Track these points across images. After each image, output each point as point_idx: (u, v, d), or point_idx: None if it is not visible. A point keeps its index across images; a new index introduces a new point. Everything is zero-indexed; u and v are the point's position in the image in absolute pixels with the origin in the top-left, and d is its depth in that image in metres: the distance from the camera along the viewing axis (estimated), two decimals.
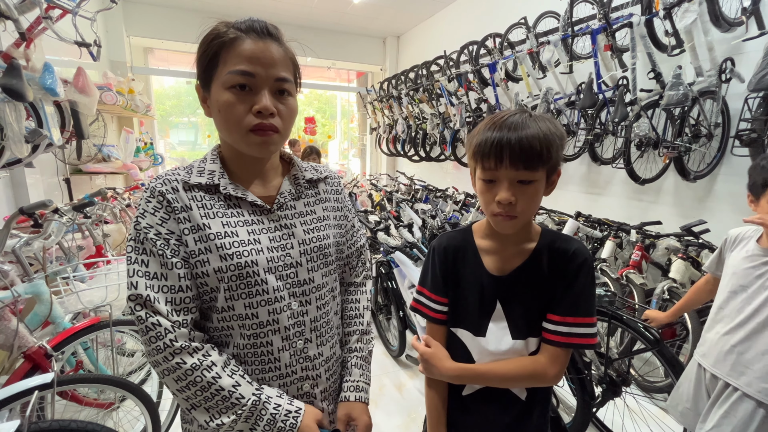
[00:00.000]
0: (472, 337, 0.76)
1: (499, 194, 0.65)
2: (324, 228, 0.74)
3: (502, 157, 0.63)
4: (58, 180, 3.13)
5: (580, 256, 0.70)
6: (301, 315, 0.69)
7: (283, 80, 0.63)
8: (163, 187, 0.63)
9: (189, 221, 0.63)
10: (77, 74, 2.43)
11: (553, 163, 0.66)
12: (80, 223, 1.90)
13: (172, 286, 0.61)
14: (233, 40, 0.61)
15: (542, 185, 0.67)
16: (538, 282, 0.71)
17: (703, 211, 2.30)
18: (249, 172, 0.70)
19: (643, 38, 2.19)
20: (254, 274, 0.64)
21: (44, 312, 1.23)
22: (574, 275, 0.69)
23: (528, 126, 0.63)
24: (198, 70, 0.66)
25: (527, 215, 0.68)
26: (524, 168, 0.64)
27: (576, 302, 0.69)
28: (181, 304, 0.62)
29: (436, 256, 0.79)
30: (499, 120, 0.66)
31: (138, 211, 0.63)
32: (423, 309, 0.80)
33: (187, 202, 0.63)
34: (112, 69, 4.34)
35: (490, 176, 0.66)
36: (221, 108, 0.62)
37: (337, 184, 0.82)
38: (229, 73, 0.60)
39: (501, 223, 0.68)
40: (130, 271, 0.61)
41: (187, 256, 0.63)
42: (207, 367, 0.60)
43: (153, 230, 0.61)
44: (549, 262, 0.71)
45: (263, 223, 0.68)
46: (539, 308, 0.72)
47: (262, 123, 0.61)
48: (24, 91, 1.74)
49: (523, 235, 0.74)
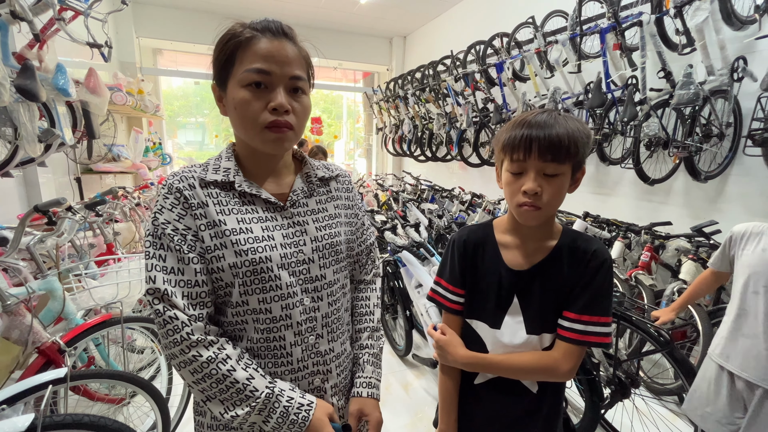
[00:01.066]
0: (487, 328, 0.78)
1: (526, 184, 0.67)
2: (335, 225, 0.75)
3: (530, 149, 0.66)
4: (69, 179, 3.18)
5: (600, 256, 0.71)
6: (312, 311, 0.70)
7: (298, 78, 0.65)
8: (181, 184, 0.65)
9: (205, 217, 0.64)
10: (89, 75, 2.47)
11: (579, 160, 0.69)
12: (92, 222, 1.93)
13: (189, 280, 0.62)
14: (249, 39, 0.63)
15: (567, 180, 0.69)
16: (556, 279, 0.73)
17: (713, 212, 2.27)
18: (263, 169, 0.71)
19: (653, 37, 2.17)
20: (268, 270, 0.65)
21: (57, 308, 1.26)
22: (592, 275, 0.71)
23: (557, 123, 0.66)
24: (214, 69, 0.67)
25: (551, 208, 0.69)
26: (552, 160, 0.66)
27: (593, 301, 0.70)
28: (197, 298, 0.63)
29: (456, 248, 0.81)
30: (528, 118, 0.68)
31: (156, 207, 0.65)
32: (440, 299, 0.83)
33: (203, 198, 0.65)
34: (122, 70, 4.40)
35: (517, 168, 0.69)
36: (237, 105, 0.63)
37: (348, 182, 0.83)
38: (246, 71, 0.62)
39: (525, 213, 0.69)
40: (148, 265, 0.62)
41: (203, 251, 0.64)
42: (222, 360, 0.61)
43: (170, 226, 0.63)
44: (569, 260, 0.73)
45: (277, 219, 0.69)
46: (556, 305, 0.73)
47: (278, 120, 0.63)
48: (37, 92, 1.77)
49: (545, 232, 0.75)
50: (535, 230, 0.74)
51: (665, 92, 2.25)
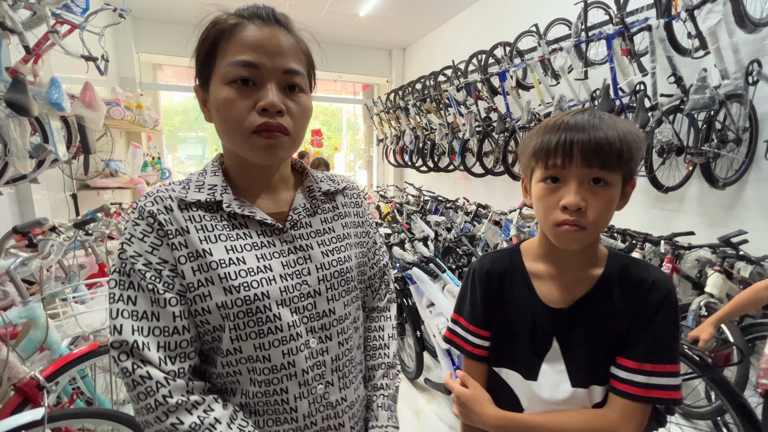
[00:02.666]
0: (520, 380, 0.63)
1: (566, 197, 0.54)
2: (345, 248, 0.64)
3: (571, 154, 0.53)
4: (65, 195, 3.10)
5: (661, 287, 0.57)
6: (320, 354, 0.58)
7: (293, 72, 0.54)
8: (154, 207, 0.53)
9: (186, 247, 0.53)
10: (84, 89, 2.41)
11: (632, 168, 0.56)
12: (83, 240, 1.84)
13: (166, 327, 0.51)
14: (233, 26, 0.52)
15: (618, 192, 0.55)
16: (606, 317, 0.59)
17: (730, 220, 2.19)
18: (256, 184, 0.60)
19: (663, 41, 2.12)
20: (265, 309, 0.54)
21: (39, 338, 1.16)
22: (653, 312, 0.56)
23: (603, 123, 0.54)
24: (196, 66, 0.57)
25: (598, 228, 0.55)
26: (599, 166, 0.53)
27: (656, 345, 0.56)
28: (177, 348, 0.51)
29: (477, 281, 0.67)
30: (565, 119, 0.55)
31: (123, 237, 0.53)
32: (459, 342, 0.69)
33: (183, 223, 0.53)
34: (121, 85, 4.37)
35: (554, 173, 0.55)
36: (220, 107, 0.52)
37: (357, 195, 0.72)
38: (229, 64, 0.51)
39: (565, 235, 0.55)
40: (112, 311, 0.50)
41: (183, 289, 0.52)
42: (210, 426, 0.50)
43: (142, 259, 0.51)
44: (621, 293, 0.59)
45: (274, 245, 0.57)
46: (607, 350, 0.59)
47: (268, 122, 0.51)
48: (29, 106, 1.70)
49: (587, 258, 0.61)
50: (574, 256, 0.60)
51: (676, 97, 2.19)
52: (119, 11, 2.19)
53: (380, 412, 0.67)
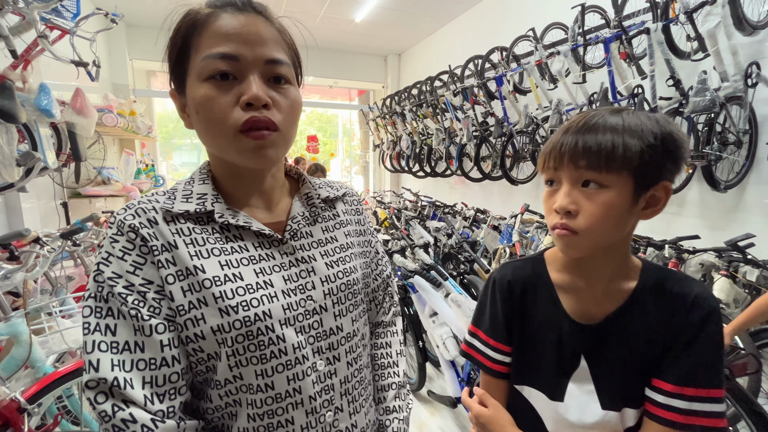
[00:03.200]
0: (545, 400, 0.58)
1: (557, 200, 0.52)
2: (349, 258, 0.59)
3: (562, 154, 0.51)
4: (55, 204, 3.03)
5: (704, 304, 0.52)
6: (329, 377, 0.52)
7: (277, 62, 0.48)
8: (135, 220, 0.46)
9: (174, 264, 0.46)
10: (75, 95, 2.36)
11: (645, 169, 0.49)
12: (71, 251, 1.77)
13: (152, 359, 0.44)
14: (206, 17, 0.47)
15: (623, 196, 0.50)
16: (640, 335, 0.54)
17: (732, 223, 2.18)
18: (248, 192, 0.54)
19: (661, 45, 2.11)
20: (267, 330, 0.48)
21: (22, 355, 1.09)
22: (696, 330, 0.51)
23: (605, 124, 0.49)
24: (168, 69, 0.51)
25: (594, 233, 0.51)
26: (587, 167, 0.49)
27: (699, 367, 0.51)
28: (166, 383, 0.44)
29: (498, 291, 0.62)
30: (582, 120, 0.51)
31: (100, 256, 0.46)
32: (477, 356, 0.64)
33: (170, 238, 0.47)
34: (114, 92, 4.32)
35: (550, 176, 0.54)
36: (199, 107, 0.47)
37: (357, 202, 0.67)
38: (205, 58, 0.46)
39: (558, 239, 0.53)
40: (87, 344, 0.43)
41: (172, 313, 0.46)
42: None
43: (122, 281, 0.44)
44: (657, 309, 0.54)
45: (274, 258, 0.52)
46: (640, 370, 0.54)
47: (255, 117, 0.46)
48: (16, 113, 1.65)
49: (617, 270, 0.56)
50: (602, 267, 0.55)
51: (675, 100, 2.18)
52: (111, 16, 2.15)
53: None
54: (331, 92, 6.90)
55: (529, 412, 0.60)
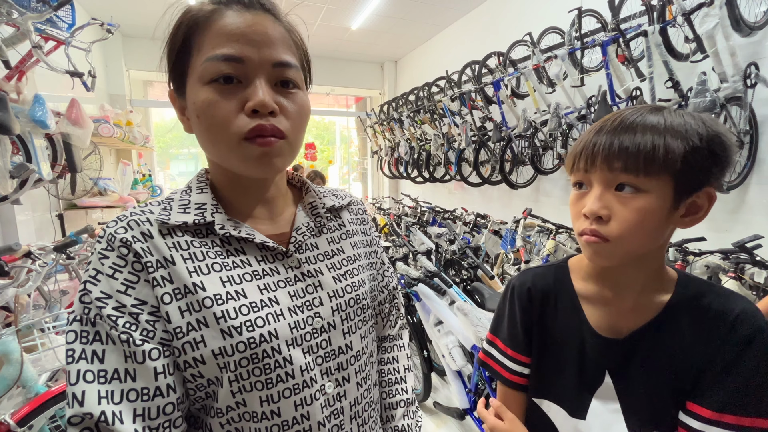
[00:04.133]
0: (566, 416, 0.55)
1: (587, 204, 0.48)
2: (357, 271, 0.55)
3: (594, 155, 0.47)
4: (50, 216, 2.99)
5: (750, 322, 0.46)
6: (338, 400, 0.49)
7: (286, 65, 0.44)
8: (128, 233, 0.42)
9: (171, 282, 0.42)
10: (70, 106, 2.34)
11: (688, 174, 0.44)
12: (66, 264, 1.73)
13: (144, 389, 0.39)
14: (209, 14, 0.43)
15: (659, 202, 0.45)
16: (672, 353, 0.49)
17: (736, 224, 2.16)
18: (250, 202, 0.51)
19: (659, 47, 2.12)
20: (273, 352, 0.44)
21: (13, 375, 1.05)
22: (739, 351, 0.46)
23: (645, 123, 0.45)
24: (167, 68, 0.48)
25: (627, 241, 0.46)
26: (623, 169, 0.45)
27: (742, 393, 0.46)
28: (160, 416, 0.40)
29: (517, 299, 0.60)
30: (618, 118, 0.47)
31: (87, 274, 0.41)
32: (495, 366, 0.61)
33: (166, 253, 0.43)
34: (111, 102, 4.30)
35: (580, 178, 0.50)
36: (200, 112, 0.43)
37: (363, 210, 0.64)
38: (207, 60, 0.42)
39: (587, 246, 0.49)
40: (71, 375, 0.38)
41: (168, 337, 0.41)
42: None
43: (112, 302, 0.40)
44: (693, 325, 0.49)
45: (278, 272, 0.48)
46: (673, 391, 0.49)
47: (261, 125, 0.42)
48: (10, 124, 1.63)
49: (649, 281, 0.52)
50: (632, 277, 0.51)
51: (674, 102, 2.18)
52: (107, 26, 2.14)
53: None
54: (328, 99, 6.91)
55: (547, 428, 0.57)
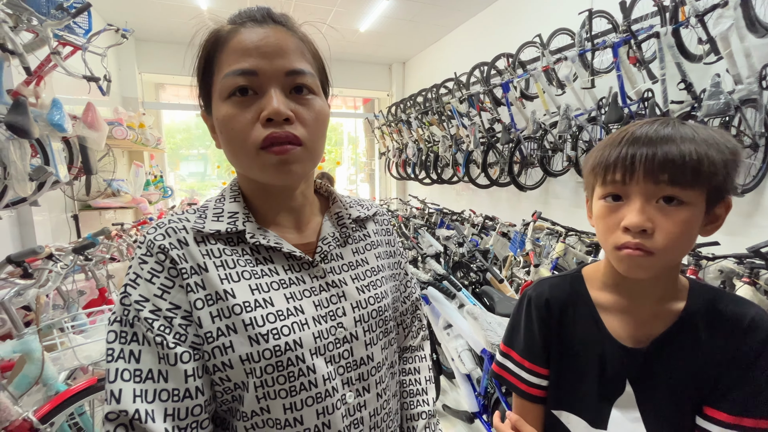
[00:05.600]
0: (586, 427, 0.55)
1: (628, 217, 0.46)
2: (380, 282, 0.56)
3: (633, 167, 0.46)
4: (66, 217, 3.06)
5: (762, 327, 0.48)
6: (358, 410, 0.50)
7: (298, 73, 0.46)
8: (166, 240, 0.45)
9: (203, 288, 0.45)
10: (86, 109, 2.39)
11: (718, 186, 0.46)
12: (83, 265, 1.78)
13: (175, 390, 0.42)
14: (227, 35, 0.46)
15: (698, 214, 0.47)
16: (690, 360, 0.51)
17: (751, 228, 2.12)
18: (277, 210, 0.52)
19: (671, 48, 2.09)
20: (298, 360, 0.45)
21: (35, 373, 1.08)
22: (754, 356, 0.48)
23: (679, 133, 0.46)
24: (198, 89, 0.51)
25: (671, 254, 0.47)
26: (669, 182, 0.45)
27: (758, 397, 0.48)
28: (188, 417, 0.42)
29: (534, 310, 0.59)
30: (630, 129, 0.48)
31: (127, 278, 0.44)
32: (511, 378, 0.61)
33: (200, 260, 0.45)
34: (124, 105, 4.39)
35: (614, 190, 0.48)
36: (221, 126, 0.46)
37: (387, 222, 0.65)
38: (225, 76, 0.45)
39: (628, 260, 0.48)
40: (110, 373, 0.41)
41: (199, 341, 0.44)
42: None
43: (149, 305, 0.42)
44: (709, 332, 0.51)
45: (304, 281, 0.50)
46: (692, 398, 0.51)
47: (275, 133, 0.44)
48: (29, 128, 1.67)
49: (664, 289, 0.53)
50: (649, 287, 0.52)
51: (687, 104, 2.15)
52: (122, 32, 2.19)
53: None
54: (336, 101, 6.95)
55: None
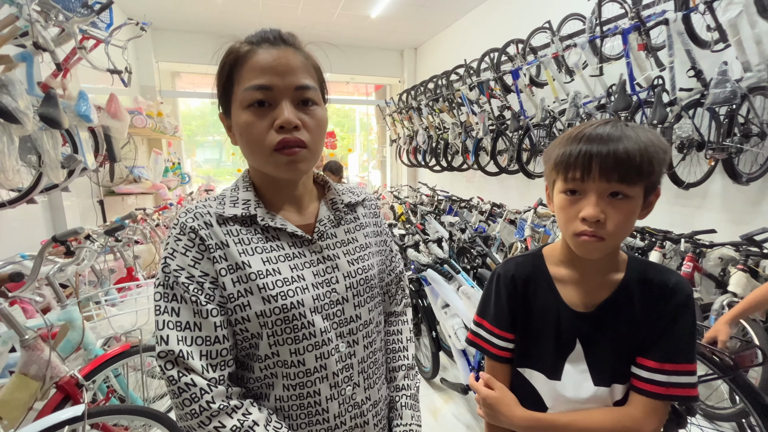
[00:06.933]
0: (544, 380, 0.66)
1: (585, 209, 0.56)
2: (368, 257, 0.68)
3: (590, 167, 0.55)
4: (92, 202, 3.25)
5: (680, 291, 0.60)
6: (349, 357, 0.62)
7: (305, 88, 0.57)
8: (195, 222, 0.57)
9: (226, 260, 0.57)
10: (110, 100, 2.52)
11: (654, 180, 0.57)
12: (112, 246, 1.93)
13: (207, 337, 0.55)
14: (245, 54, 0.57)
15: (638, 204, 0.57)
16: (627, 320, 0.62)
17: (757, 216, 2.12)
18: (283, 198, 0.64)
19: (681, 35, 2.07)
20: (300, 316, 0.58)
21: (77, 339, 1.23)
22: (674, 315, 0.60)
23: (624, 135, 0.55)
24: (218, 96, 0.62)
25: (618, 238, 0.58)
26: (618, 180, 0.55)
27: (677, 346, 0.60)
28: (218, 357, 0.55)
29: (503, 285, 0.70)
30: (586, 131, 0.57)
31: (166, 251, 0.57)
32: (483, 344, 0.72)
33: (222, 238, 0.57)
34: (142, 93, 4.53)
35: (573, 186, 0.58)
36: (241, 131, 0.57)
37: (375, 206, 0.77)
38: (245, 90, 0.55)
39: (585, 245, 0.58)
40: (159, 322, 0.54)
41: (224, 300, 0.56)
42: (249, 428, 0.54)
43: (185, 273, 0.55)
44: (642, 297, 0.62)
45: (305, 255, 0.62)
46: (628, 351, 0.62)
47: (286, 138, 0.55)
48: (60, 119, 1.80)
49: (609, 264, 0.64)
50: (597, 262, 0.63)
51: (696, 91, 2.13)
52: (141, 25, 2.28)
53: (404, 412, 0.70)
54: (348, 87, 6.96)
55: (530, 391, 0.68)
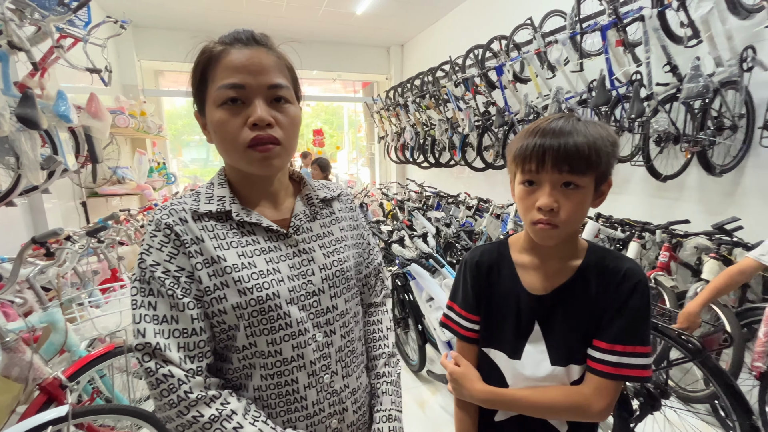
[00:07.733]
0: (506, 359, 0.70)
1: (540, 199, 0.60)
2: (343, 249, 0.70)
3: (544, 159, 0.59)
4: (75, 203, 3.19)
5: (633, 276, 0.63)
6: (326, 347, 0.64)
7: (277, 86, 0.58)
8: (170, 219, 0.58)
9: (201, 254, 0.58)
10: (90, 100, 2.48)
11: (603, 171, 0.61)
12: (95, 247, 1.91)
13: (185, 329, 0.56)
14: (219, 54, 0.58)
15: (589, 194, 0.61)
16: (583, 304, 0.65)
17: (731, 207, 2.20)
18: (258, 194, 0.65)
19: (657, 31, 2.12)
20: (276, 307, 0.59)
21: (60, 341, 1.22)
22: (626, 298, 0.63)
23: (575, 130, 0.59)
24: (192, 94, 0.62)
25: (571, 225, 0.62)
26: (569, 171, 0.58)
27: (628, 328, 0.62)
28: (195, 349, 0.56)
29: (468, 271, 0.74)
30: (542, 125, 0.61)
31: (142, 248, 0.58)
32: (453, 325, 0.76)
33: (197, 233, 0.59)
34: (124, 93, 4.45)
35: (529, 177, 0.62)
36: (215, 128, 0.58)
37: (351, 201, 0.78)
38: (219, 88, 0.57)
39: (541, 232, 0.62)
40: (136, 316, 0.55)
41: (200, 294, 0.58)
42: (227, 417, 0.55)
43: (161, 268, 0.56)
44: (597, 282, 0.65)
45: (281, 249, 0.63)
46: (584, 333, 0.65)
47: (260, 135, 0.56)
48: (38, 120, 1.77)
49: (568, 251, 0.68)
50: (556, 249, 0.67)
51: (672, 86, 2.19)
52: (120, 23, 2.25)
53: (384, 398, 0.72)
54: (336, 85, 6.94)
55: (493, 369, 0.72)
